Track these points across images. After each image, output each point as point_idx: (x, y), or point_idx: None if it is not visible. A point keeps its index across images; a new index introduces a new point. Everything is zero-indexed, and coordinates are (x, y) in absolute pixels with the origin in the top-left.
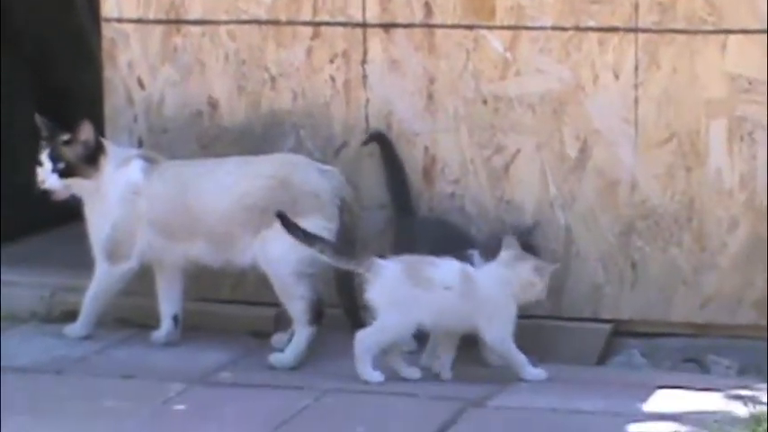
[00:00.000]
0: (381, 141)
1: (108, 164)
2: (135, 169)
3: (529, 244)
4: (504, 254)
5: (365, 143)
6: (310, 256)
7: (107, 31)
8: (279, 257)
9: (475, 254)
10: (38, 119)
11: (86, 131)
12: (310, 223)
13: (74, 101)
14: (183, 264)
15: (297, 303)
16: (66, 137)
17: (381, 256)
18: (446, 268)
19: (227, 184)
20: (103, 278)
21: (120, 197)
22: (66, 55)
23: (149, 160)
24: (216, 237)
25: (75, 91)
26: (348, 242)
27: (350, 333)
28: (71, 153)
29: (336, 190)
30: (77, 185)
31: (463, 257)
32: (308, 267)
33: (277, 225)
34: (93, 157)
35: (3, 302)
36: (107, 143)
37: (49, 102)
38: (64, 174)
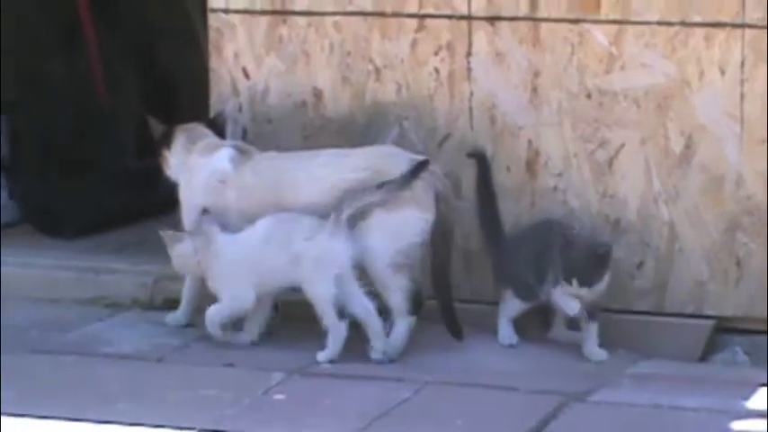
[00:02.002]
0: (481, 162)
1: (176, 154)
2: (222, 158)
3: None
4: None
5: (468, 156)
6: (407, 247)
7: (214, 21)
8: (376, 249)
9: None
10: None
11: (150, 123)
12: (405, 215)
13: (178, 90)
14: None
15: (395, 294)
16: None
17: None
18: None
19: (321, 176)
20: None
21: (204, 184)
22: (171, 44)
23: (240, 150)
24: None
25: (179, 80)
26: (445, 233)
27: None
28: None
29: (431, 181)
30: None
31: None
32: (405, 259)
33: (372, 218)
34: (159, 147)
35: (106, 289)
36: (191, 132)
37: (153, 90)
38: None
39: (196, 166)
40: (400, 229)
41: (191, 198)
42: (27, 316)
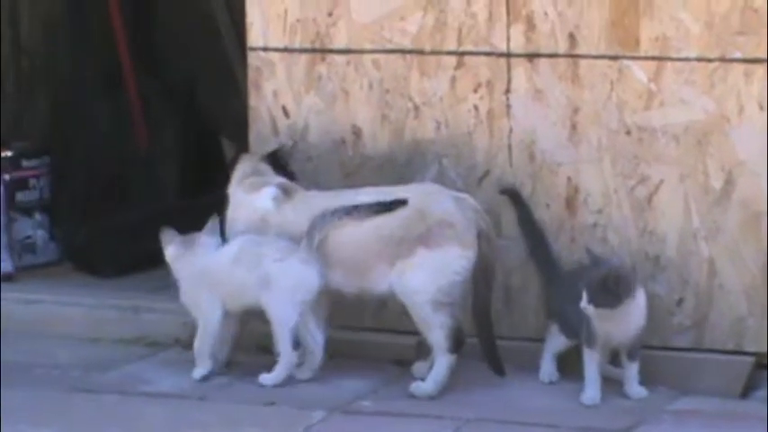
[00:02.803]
0: (514, 198)
1: (233, 183)
2: (265, 197)
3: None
4: None
5: (501, 193)
6: (448, 285)
7: (253, 59)
8: (416, 287)
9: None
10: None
11: (224, 145)
12: (447, 252)
13: (219, 129)
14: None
15: (436, 332)
16: None
17: None
18: None
19: None
20: None
21: (248, 222)
22: (210, 86)
23: (284, 189)
24: (351, 266)
25: (219, 120)
26: (486, 270)
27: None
28: None
29: (472, 218)
30: None
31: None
32: (446, 297)
33: (413, 256)
34: (229, 171)
35: (147, 329)
36: (250, 163)
37: (195, 130)
38: None
39: (241, 202)
40: (441, 266)
41: (231, 233)
42: (68, 355)
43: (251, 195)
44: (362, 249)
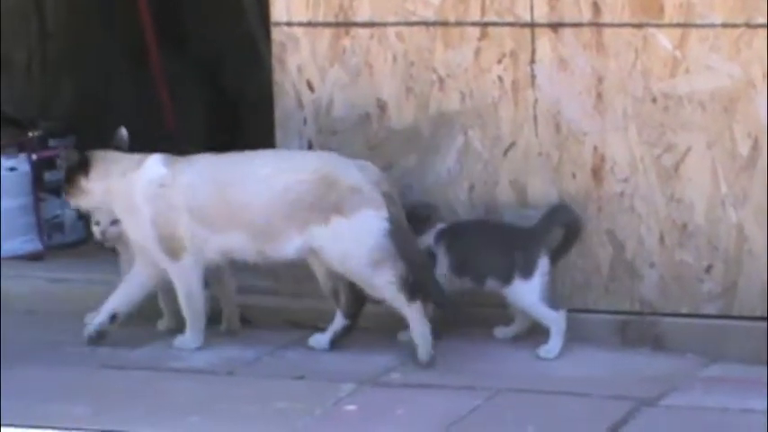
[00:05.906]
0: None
1: (98, 178)
2: (153, 165)
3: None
4: None
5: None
6: (376, 244)
7: (277, 34)
8: (349, 253)
9: None
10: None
11: (62, 156)
12: (363, 215)
13: (243, 105)
14: (221, 256)
15: (387, 289)
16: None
17: None
18: None
19: (265, 176)
20: (177, 276)
21: (145, 195)
22: (235, 60)
23: (166, 155)
24: (256, 230)
25: (244, 95)
26: (400, 229)
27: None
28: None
29: (376, 183)
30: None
31: None
32: (379, 254)
33: (330, 224)
34: (76, 178)
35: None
36: (102, 158)
37: (219, 107)
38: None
39: (117, 189)
40: (362, 229)
41: (135, 217)
42: None
43: (133, 174)
44: (270, 212)
